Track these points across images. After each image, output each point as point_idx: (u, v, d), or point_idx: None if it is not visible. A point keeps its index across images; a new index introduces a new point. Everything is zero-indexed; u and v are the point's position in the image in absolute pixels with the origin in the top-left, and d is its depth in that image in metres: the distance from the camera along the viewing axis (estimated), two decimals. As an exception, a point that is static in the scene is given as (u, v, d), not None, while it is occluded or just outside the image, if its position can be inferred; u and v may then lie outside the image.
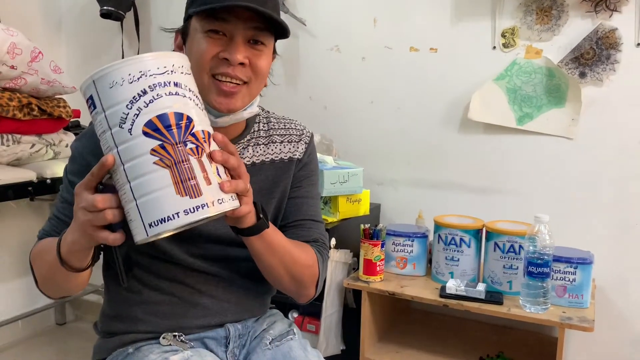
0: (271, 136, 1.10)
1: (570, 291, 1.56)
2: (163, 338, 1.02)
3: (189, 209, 0.74)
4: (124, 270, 0.98)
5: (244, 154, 1.07)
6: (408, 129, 2.06)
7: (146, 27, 2.47)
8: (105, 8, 2.28)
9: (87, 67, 2.62)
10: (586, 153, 1.81)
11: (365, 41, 2.09)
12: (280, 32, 0.98)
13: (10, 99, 1.82)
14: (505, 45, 1.87)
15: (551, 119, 1.83)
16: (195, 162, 0.76)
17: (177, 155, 0.75)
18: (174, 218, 0.74)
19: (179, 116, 0.76)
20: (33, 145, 1.94)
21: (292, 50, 2.21)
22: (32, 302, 2.41)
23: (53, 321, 2.59)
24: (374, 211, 2.02)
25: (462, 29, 1.93)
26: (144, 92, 0.75)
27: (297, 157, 1.11)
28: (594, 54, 1.75)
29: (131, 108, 0.74)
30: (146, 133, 0.74)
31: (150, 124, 0.74)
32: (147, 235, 0.75)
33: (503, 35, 1.87)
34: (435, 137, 2.02)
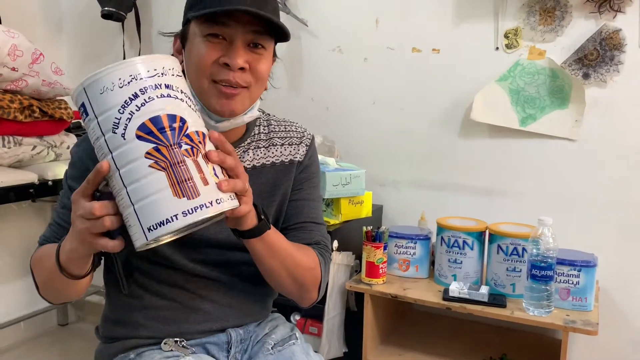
0: (272, 139, 1.10)
1: (573, 294, 1.55)
2: (164, 344, 1.02)
3: (187, 210, 0.73)
4: (125, 276, 0.98)
5: (244, 158, 1.06)
6: (410, 130, 2.05)
7: (147, 28, 2.47)
8: (106, 9, 2.27)
9: (88, 68, 2.59)
10: (589, 154, 1.80)
11: (367, 42, 2.08)
12: (280, 35, 0.98)
13: (11, 101, 1.81)
14: (508, 46, 1.86)
15: (554, 121, 1.82)
16: (191, 163, 0.75)
17: (173, 157, 0.74)
18: (173, 220, 0.73)
19: (172, 118, 0.75)
20: (34, 147, 1.94)
21: (294, 51, 2.20)
22: (34, 304, 2.41)
23: (55, 322, 2.59)
24: (376, 212, 2.01)
25: (465, 30, 1.92)
26: (135, 96, 0.74)
27: (298, 160, 1.10)
28: (598, 55, 1.74)
29: (123, 112, 0.74)
30: (140, 137, 0.74)
31: (143, 127, 0.74)
32: (147, 239, 0.74)
33: (506, 36, 1.86)
34: (437, 138, 2.01)
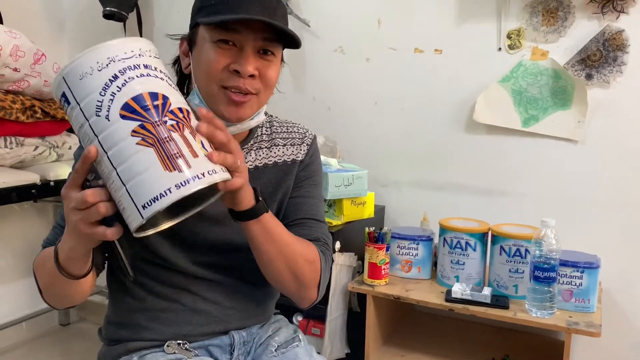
0: (274, 140, 1.10)
1: (576, 295, 1.55)
2: (167, 346, 1.02)
3: (180, 183, 0.72)
4: (129, 263, 0.93)
5: (247, 158, 1.06)
6: (412, 131, 2.05)
7: (149, 28, 2.46)
8: (108, 9, 2.27)
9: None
10: (592, 156, 1.79)
11: (369, 42, 2.08)
12: (289, 41, 0.98)
13: (13, 102, 1.82)
14: (510, 46, 1.86)
15: (557, 121, 1.82)
16: (178, 137, 0.74)
17: (159, 132, 0.73)
18: (167, 194, 0.71)
19: (154, 95, 0.75)
20: (36, 147, 1.94)
21: (296, 51, 2.16)
22: (36, 304, 2.41)
23: (57, 322, 2.59)
24: (378, 213, 2.01)
25: (467, 31, 1.92)
26: (115, 77, 0.74)
27: (299, 159, 1.10)
28: (601, 56, 1.74)
29: (105, 95, 0.73)
30: (124, 116, 0.73)
31: (126, 107, 0.73)
32: (142, 217, 0.72)
33: (509, 36, 1.85)
34: (440, 139, 2.01)
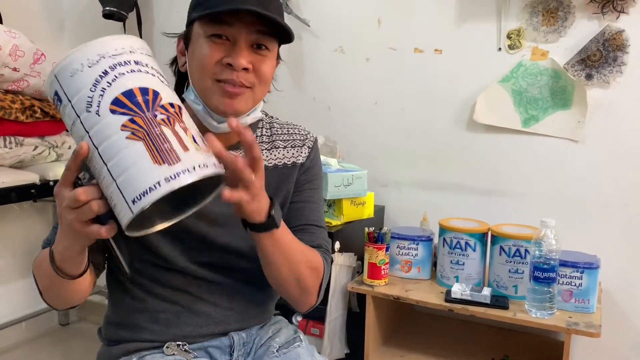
0: (274, 141, 1.09)
1: (576, 296, 1.55)
2: (167, 347, 1.01)
3: (170, 176, 0.71)
4: (126, 262, 0.92)
5: None
6: (412, 131, 2.05)
7: (148, 28, 2.46)
8: (107, 9, 2.27)
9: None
10: (592, 156, 1.79)
11: (369, 42, 2.08)
12: (284, 37, 0.97)
13: (12, 101, 1.81)
14: (510, 46, 1.85)
15: (557, 122, 1.82)
16: (168, 131, 0.74)
17: (149, 125, 0.73)
18: (156, 187, 0.71)
19: (145, 90, 0.75)
20: (36, 147, 1.94)
21: (296, 51, 2.20)
22: (36, 303, 2.41)
23: (56, 322, 2.59)
24: (378, 213, 2.01)
25: (467, 31, 1.92)
26: (105, 73, 0.74)
27: (300, 162, 1.10)
28: (601, 56, 1.74)
29: (95, 90, 0.73)
30: (114, 111, 0.73)
31: (116, 102, 0.73)
32: (132, 212, 0.71)
33: (509, 36, 1.85)
34: (440, 139, 2.00)
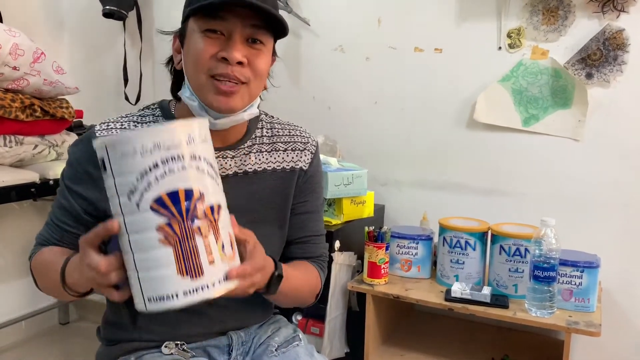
0: (275, 143, 1.08)
1: (576, 295, 1.55)
2: (165, 347, 1.02)
3: (189, 290, 0.73)
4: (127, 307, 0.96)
5: (246, 161, 1.04)
6: (412, 130, 2.04)
7: (148, 27, 2.46)
8: (107, 7, 2.27)
9: (90, 67, 2.61)
10: (593, 155, 1.79)
11: (369, 41, 2.07)
12: (279, 32, 0.96)
13: (12, 100, 1.81)
14: (511, 45, 1.85)
15: (557, 121, 1.81)
16: (200, 242, 0.74)
17: (183, 234, 0.73)
18: (173, 298, 0.73)
19: (189, 193, 0.74)
20: (36, 146, 1.93)
21: (296, 50, 2.19)
22: (35, 302, 2.42)
23: (56, 321, 2.59)
24: (378, 212, 2.01)
25: (468, 30, 1.91)
26: (156, 166, 0.72)
27: (301, 167, 1.09)
28: (601, 55, 1.73)
29: (141, 181, 0.72)
30: (154, 209, 0.73)
31: (159, 201, 0.73)
32: (146, 309, 0.75)
33: (509, 35, 1.85)
34: (440, 138, 2.00)
